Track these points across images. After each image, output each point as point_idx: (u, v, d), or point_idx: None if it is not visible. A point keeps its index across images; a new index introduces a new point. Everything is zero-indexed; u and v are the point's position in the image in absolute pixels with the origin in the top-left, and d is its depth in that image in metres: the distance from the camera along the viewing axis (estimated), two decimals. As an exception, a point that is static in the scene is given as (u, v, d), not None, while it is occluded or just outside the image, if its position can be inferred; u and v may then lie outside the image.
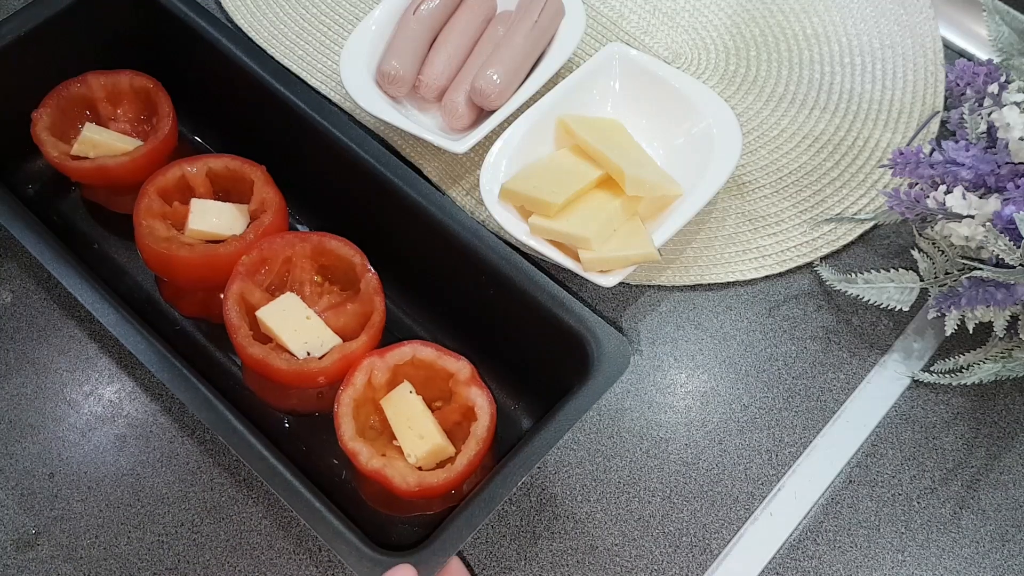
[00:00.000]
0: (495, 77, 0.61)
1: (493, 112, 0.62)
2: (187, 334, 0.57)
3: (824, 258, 0.64)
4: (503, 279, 0.52)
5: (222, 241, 0.55)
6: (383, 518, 0.52)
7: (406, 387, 0.51)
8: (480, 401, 0.50)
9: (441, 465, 0.50)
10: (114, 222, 0.61)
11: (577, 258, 0.56)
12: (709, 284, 0.63)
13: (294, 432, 0.54)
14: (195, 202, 0.56)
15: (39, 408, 0.55)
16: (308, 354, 0.52)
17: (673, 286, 0.62)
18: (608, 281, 0.56)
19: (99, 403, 0.55)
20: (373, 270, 0.54)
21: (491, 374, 0.54)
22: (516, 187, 0.58)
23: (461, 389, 0.51)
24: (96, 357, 0.56)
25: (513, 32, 0.64)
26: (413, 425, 0.50)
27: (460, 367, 0.51)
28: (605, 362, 0.49)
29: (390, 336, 0.55)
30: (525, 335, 0.54)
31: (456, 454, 0.49)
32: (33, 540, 0.51)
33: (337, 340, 0.53)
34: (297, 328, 0.52)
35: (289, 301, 0.53)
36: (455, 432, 0.52)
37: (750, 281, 0.63)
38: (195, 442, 0.54)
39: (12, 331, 0.57)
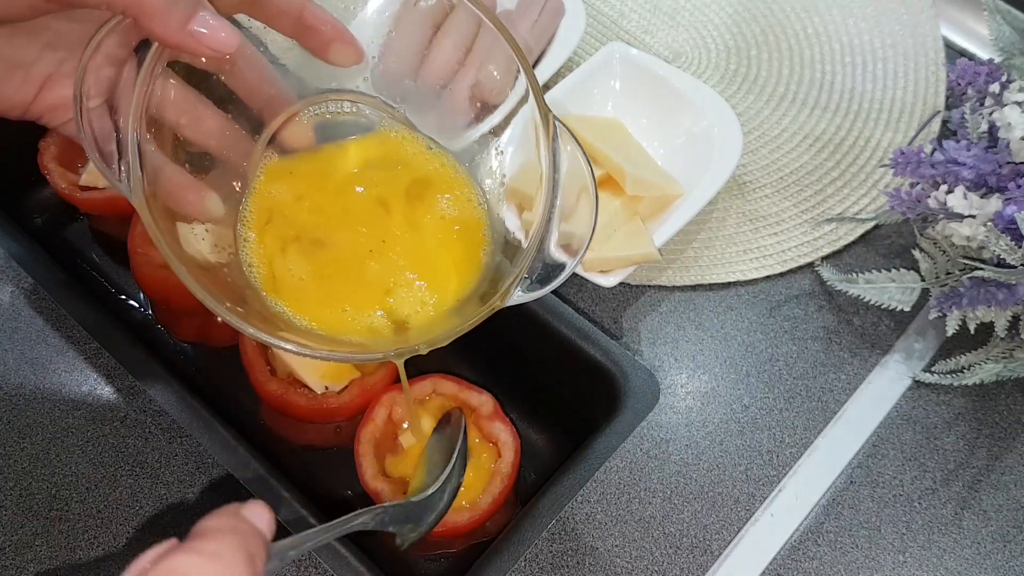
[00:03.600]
0: (495, 73, 0.61)
1: (494, 110, 0.62)
2: (190, 359, 0.56)
3: (825, 258, 0.64)
4: (525, 311, 0.50)
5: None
6: (404, 556, 0.51)
7: (428, 423, 0.51)
8: (504, 436, 0.49)
9: (464, 502, 0.48)
10: (123, 252, 0.58)
11: (577, 258, 0.56)
12: (710, 284, 0.63)
13: (309, 465, 0.53)
14: (180, 226, 0.55)
15: (37, 408, 0.55)
16: (327, 388, 0.51)
17: (673, 286, 0.62)
18: (608, 281, 0.55)
19: (97, 403, 0.55)
20: None
21: (512, 406, 0.53)
22: (515, 185, 0.58)
23: (484, 424, 0.50)
24: (94, 357, 0.56)
25: (513, 31, 0.64)
26: None
27: (483, 401, 0.50)
28: (633, 398, 0.47)
29: (410, 369, 0.54)
30: (548, 369, 0.52)
31: (480, 492, 0.48)
32: (32, 540, 0.51)
33: (356, 373, 0.52)
34: (315, 361, 0.51)
35: None
36: (476, 462, 0.50)
37: (751, 281, 0.63)
38: (194, 443, 0.54)
39: (11, 331, 0.57)
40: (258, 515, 0.27)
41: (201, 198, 0.37)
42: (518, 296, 0.36)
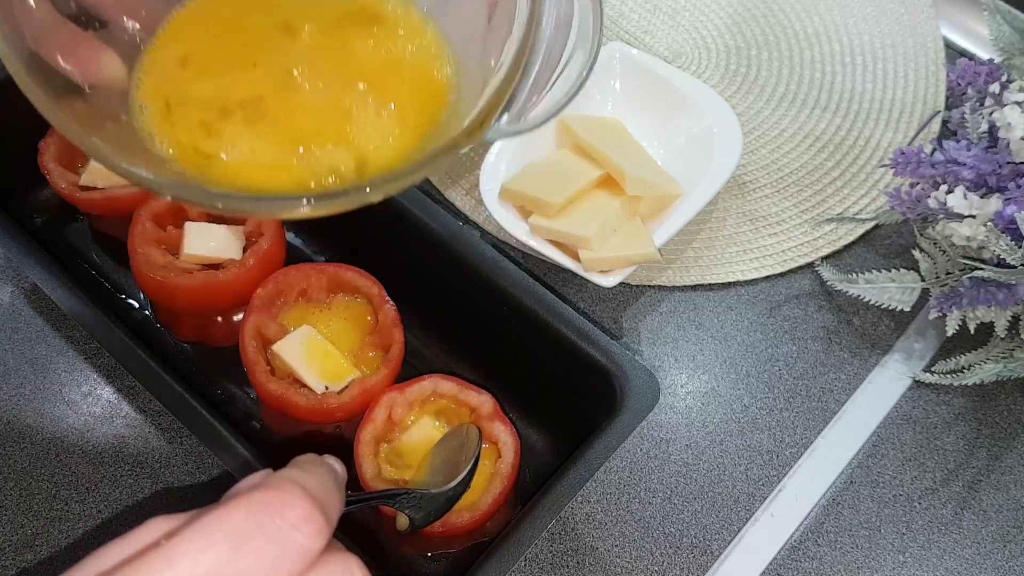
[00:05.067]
0: None
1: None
2: (191, 359, 0.56)
3: (825, 258, 0.64)
4: (525, 311, 0.50)
5: (219, 265, 0.54)
6: (405, 556, 0.51)
7: (428, 422, 0.51)
8: (504, 437, 0.49)
9: (465, 502, 0.48)
10: (123, 253, 0.58)
11: (577, 258, 0.56)
12: (710, 284, 0.63)
13: None
14: (189, 225, 0.54)
15: (37, 408, 0.55)
16: (326, 388, 0.51)
17: (673, 286, 0.62)
18: (608, 281, 0.55)
19: (97, 403, 0.55)
20: (392, 302, 0.53)
21: (512, 405, 0.53)
22: (516, 187, 0.58)
23: (484, 424, 0.49)
24: (95, 357, 0.56)
25: (513, 31, 0.63)
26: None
27: (482, 401, 0.50)
28: (633, 398, 0.47)
29: (409, 369, 0.54)
30: (548, 368, 0.52)
31: (480, 492, 0.48)
32: (31, 541, 0.51)
33: (356, 374, 0.51)
34: (314, 362, 0.51)
35: (306, 334, 0.52)
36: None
37: (751, 281, 0.63)
38: (195, 442, 0.54)
39: (11, 331, 0.57)
40: (338, 464, 0.32)
41: (96, 54, 0.32)
42: (497, 130, 0.29)
